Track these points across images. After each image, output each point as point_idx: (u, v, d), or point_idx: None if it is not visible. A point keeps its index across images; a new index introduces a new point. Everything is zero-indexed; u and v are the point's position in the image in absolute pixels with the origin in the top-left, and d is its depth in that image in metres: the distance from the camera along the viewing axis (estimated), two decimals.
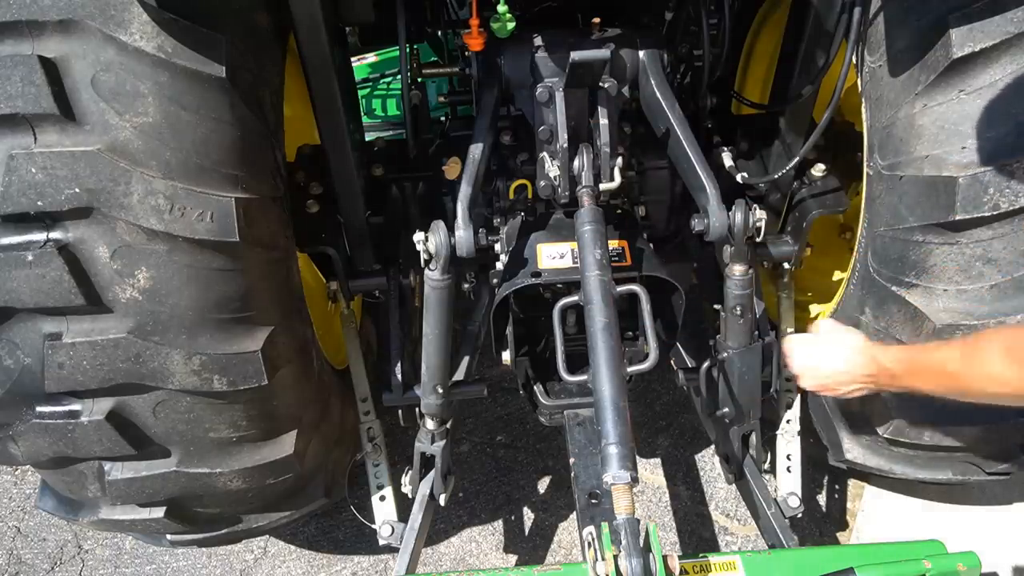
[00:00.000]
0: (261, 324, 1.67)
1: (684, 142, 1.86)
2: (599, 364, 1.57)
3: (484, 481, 2.85)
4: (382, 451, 2.27)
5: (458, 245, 1.72)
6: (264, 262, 1.65)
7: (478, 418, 3.04)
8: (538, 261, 1.93)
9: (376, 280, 2.28)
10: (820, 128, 1.89)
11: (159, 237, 1.45)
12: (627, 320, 2.09)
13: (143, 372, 1.55)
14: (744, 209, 1.77)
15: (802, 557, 1.72)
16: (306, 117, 2.07)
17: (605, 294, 1.65)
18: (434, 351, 1.88)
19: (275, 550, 2.69)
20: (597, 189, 1.88)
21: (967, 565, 1.51)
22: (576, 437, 2.05)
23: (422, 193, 2.36)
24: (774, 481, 2.24)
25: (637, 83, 1.98)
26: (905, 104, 1.68)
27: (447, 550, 2.67)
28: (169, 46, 1.39)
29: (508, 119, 2.18)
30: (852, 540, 2.55)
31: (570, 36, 1.92)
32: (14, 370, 1.52)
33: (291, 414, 1.86)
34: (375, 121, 3.53)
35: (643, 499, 2.77)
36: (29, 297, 1.43)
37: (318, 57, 1.73)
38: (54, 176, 1.36)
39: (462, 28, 1.94)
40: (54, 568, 2.66)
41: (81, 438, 1.62)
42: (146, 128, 1.40)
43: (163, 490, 1.78)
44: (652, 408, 3.04)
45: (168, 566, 2.65)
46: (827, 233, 2.60)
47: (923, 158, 1.69)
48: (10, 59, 1.32)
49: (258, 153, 1.60)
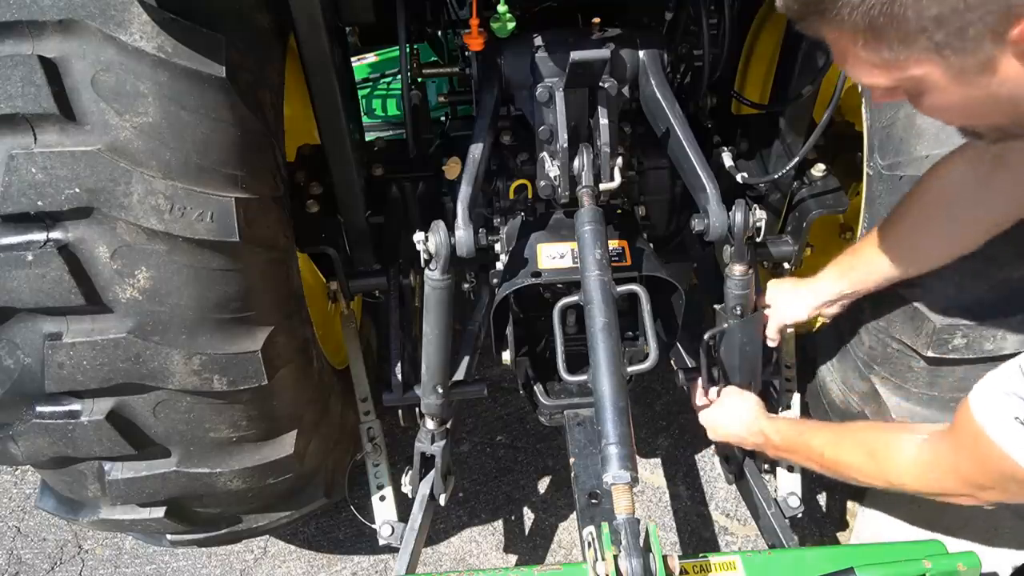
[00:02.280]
0: (261, 324, 1.66)
1: (684, 142, 1.86)
2: (599, 364, 1.57)
3: (484, 481, 2.85)
4: (382, 451, 2.27)
5: (458, 245, 1.72)
6: (264, 262, 1.65)
7: (478, 418, 3.04)
8: (538, 261, 1.93)
9: (376, 280, 2.28)
10: (820, 128, 1.89)
11: (159, 237, 1.45)
12: (627, 320, 2.09)
13: (143, 372, 1.55)
14: (744, 209, 1.77)
15: (802, 557, 1.72)
16: (306, 117, 2.07)
17: (605, 294, 1.65)
18: (434, 351, 1.88)
19: (275, 550, 2.69)
20: (597, 189, 1.88)
21: (967, 565, 1.51)
22: (576, 437, 2.04)
23: (422, 193, 2.36)
24: (774, 481, 2.24)
25: (637, 83, 1.98)
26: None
27: (447, 550, 2.67)
28: (169, 46, 1.39)
29: (508, 119, 2.18)
30: (852, 540, 2.55)
31: (570, 36, 1.91)
32: (14, 370, 1.52)
33: (291, 414, 1.86)
34: (375, 121, 3.53)
35: (643, 499, 2.77)
36: (29, 297, 1.43)
37: (318, 57, 1.73)
38: (54, 176, 1.36)
39: (462, 28, 1.94)
40: (54, 568, 2.66)
41: (81, 438, 1.62)
42: (146, 128, 1.39)
43: (163, 490, 1.78)
44: (652, 408, 3.04)
45: (168, 566, 2.65)
46: (827, 233, 2.60)
47: (923, 158, 1.69)
48: (10, 59, 1.31)
49: (258, 153, 1.60)
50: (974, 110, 1.02)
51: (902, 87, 1.02)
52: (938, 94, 0.99)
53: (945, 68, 0.93)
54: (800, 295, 1.95)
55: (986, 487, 1.33)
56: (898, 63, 0.95)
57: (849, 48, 0.98)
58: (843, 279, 1.86)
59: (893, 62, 0.95)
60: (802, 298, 1.94)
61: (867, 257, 1.79)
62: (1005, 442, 1.19)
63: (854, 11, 0.90)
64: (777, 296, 1.99)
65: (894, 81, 0.99)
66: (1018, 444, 1.17)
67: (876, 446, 1.55)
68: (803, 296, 1.94)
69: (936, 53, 0.91)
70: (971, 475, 1.34)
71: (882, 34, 0.92)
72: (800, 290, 1.96)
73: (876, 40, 0.93)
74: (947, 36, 0.88)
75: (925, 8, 0.87)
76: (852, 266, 1.84)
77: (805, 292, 1.94)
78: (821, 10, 0.93)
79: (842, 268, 1.87)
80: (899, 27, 0.90)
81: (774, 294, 2.00)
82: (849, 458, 1.60)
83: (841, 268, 1.87)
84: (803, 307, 1.94)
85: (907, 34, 0.90)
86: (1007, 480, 1.26)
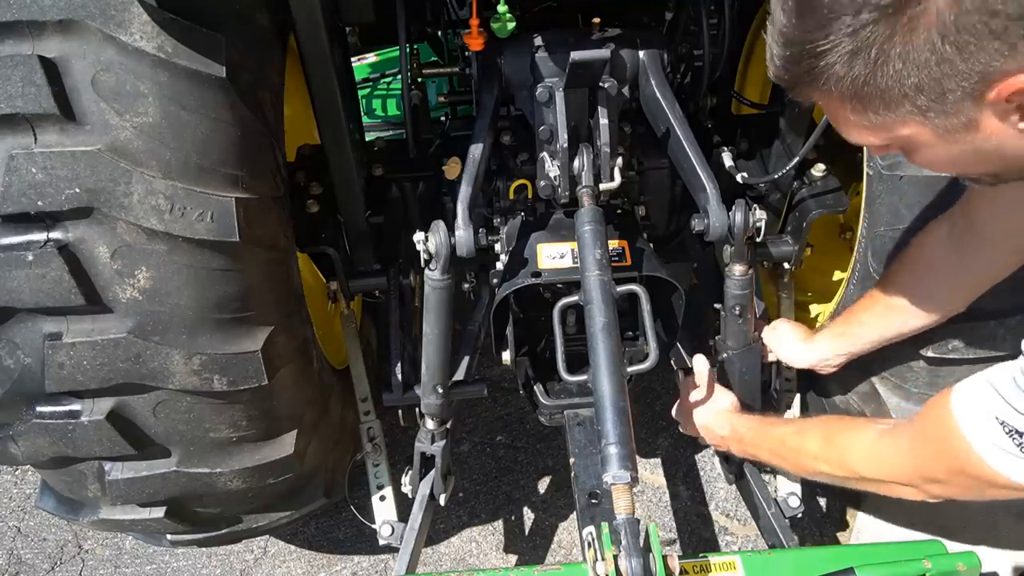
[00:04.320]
0: (261, 324, 1.66)
1: (684, 142, 1.86)
2: (599, 364, 1.57)
3: (484, 481, 2.85)
4: (382, 451, 2.27)
5: (458, 245, 1.72)
6: (264, 262, 1.65)
7: (478, 418, 3.04)
8: (538, 261, 1.93)
9: (376, 280, 2.28)
10: (820, 128, 1.89)
11: (159, 237, 1.45)
12: (627, 320, 2.09)
13: (143, 372, 1.55)
14: (744, 209, 1.77)
15: (802, 557, 1.72)
16: (306, 117, 2.07)
17: (605, 294, 1.65)
18: (434, 351, 1.88)
19: (275, 550, 2.69)
20: (597, 189, 1.88)
21: (967, 565, 1.51)
22: (576, 437, 2.04)
23: (422, 193, 2.36)
24: (774, 481, 2.24)
25: (637, 83, 1.98)
26: None
27: (447, 550, 2.67)
28: (169, 46, 1.39)
29: (508, 119, 2.18)
30: (852, 540, 2.55)
31: (570, 36, 1.91)
32: (14, 370, 1.52)
33: (291, 414, 1.86)
34: (375, 121, 3.53)
35: (643, 499, 2.77)
36: (29, 297, 1.43)
37: (318, 57, 1.72)
38: (54, 176, 1.36)
39: (462, 28, 1.94)
40: (54, 568, 2.66)
41: (81, 438, 1.62)
42: (146, 128, 1.39)
43: (163, 490, 1.78)
44: (652, 408, 3.04)
45: (168, 566, 2.65)
46: (827, 233, 2.60)
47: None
48: (10, 59, 1.31)
49: (258, 153, 1.60)
50: (964, 162, 1.06)
51: (894, 144, 1.06)
52: (927, 150, 1.03)
53: (932, 128, 0.97)
54: (798, 350, 2.02)
55: (937, 480, 1.36)
56: (886, 125, 0.99)
57: (839, 112, 1.03)
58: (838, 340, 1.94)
59: (881, 125, 1.00)
60: (799, 353, 2.02)
61: (860, 320, 1.87)
62: (975, 438, 1.21)
63: (840, 82, 0.94)
64: (779, 346, 2.06)
65: (885, 140, 1.04)
66: (988, 441, 1.19)
67: (835, 432, 1.61)
68: (800, 352, 2.02)
69: (920, 115, 0.95)
70: (925, 466, 1.37)
71: (867, 101, 0.96)
72: (799, 345, 2.02)
73: (863, 106, 0.98)
74: (929, 101, 0.92)
75: (905, 78, 0.91)
76: (843, 332, 1.92)
77: (803, 349, 2.01)
78: (809, 80, 0.98)
79: (835, 332, 1.95)
80: (883, 95, 0.94)
81: (774, 342, 2.07)
82: (809, 445, 1.64)
83: (834, 332, 1.95)
84: (801, 361, 2.03)
85: (891, 100, 0.95)
86: (960, 475, 1.28)
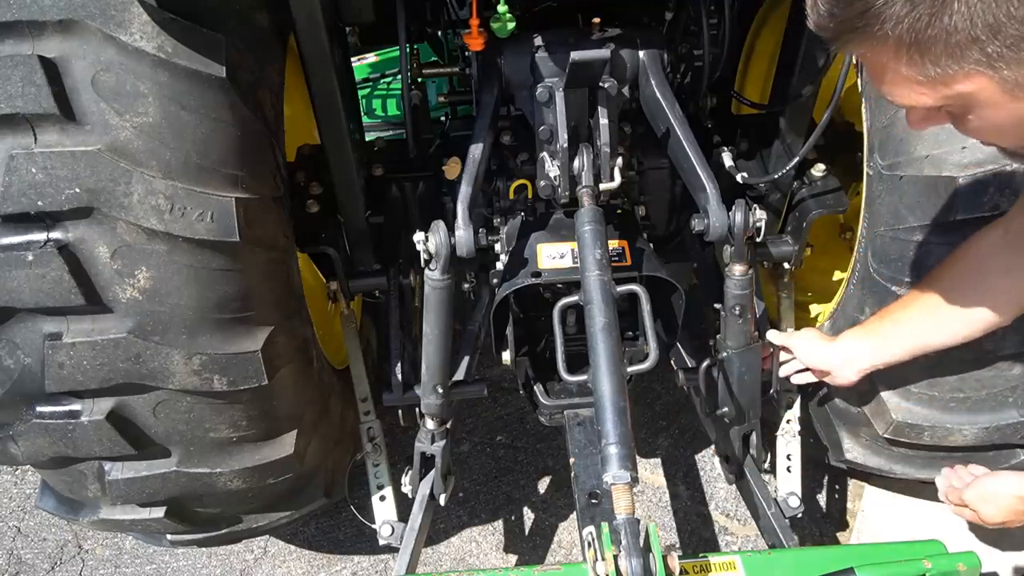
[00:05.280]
0: (261, 324, 1.67)
1: (684, 142, 1.86)
2: (599, 364, 1.56)
3: (484, 481, 2.85)
4: (382, 451, 2.27)
5: (458, 245, 1.72)
6: (264, 262, 1.65)
7: (478, 418, 3.04)
8: (538, 261, 1.93)
9: (376, 280, 2.28)
10: (820, 128, 1.89)
11: (159, 237, 1.45)
12: (627, 320, 2.09)
13: (143, 372, 1.55)
14: (744, 209, 1.77)
15: (802, 557, 1.72)
16: (306, 117, 2.07)
17: (605, 294, 1.65)
18: (434, 351, 1.88)
19: (275, 550, 2.69)
20: (597, 189, 1.88)
21: (967, 565, 1.51)
22: (576, 437, 2.04)
23: (422, 193, 2.36)
24: (774, 481, 2.24)
25: (637, 83, 1.98)
26: None
27: (447, 550, 2.67)
28: (169, 46, 1.39)
29: (508, 119, 2.18)
30: (852, 540, 2.55)
31: (570, 36, 1.91)
32: (14, 370, 1.52)
33: (291, 414, 1.86)
34: (375, 121, 3.53)
35: (643, 499, 2.77)
36: (29, 297, 1.43)
37: (318, 57, 1.73)
38: (54, 176, 1.36)
39: (462, 28, 1.94)
40: (54, 568, 2.66)
41: (81, 438, 1.62)
42: (146, 128, 1.40)
43: (163, 490, 1.78)
44: (652, 408, 3.04)
45: (168, 566, 2.65)
46: (827, 233, 2.60)
47: (923, 158, 1.68)
48: (10, 59, 1.31)
49: (258, 153, 1.60)
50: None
51: (947, 107, 0.95)
52: (989, 111, 0.92)
53: (999, 83, 0.86)
54: (820, 349, 1.96)
55: None
56: (945, 79, 0.88)
57: (890, 66, 0.91)
58: (866, 339, 1.85)
59: (940, 79, 0.88)
60: (822, 353, 1.96)
61: (894, 318, 1.79)
62: None
63: (899, 24, 0.84)
64: (800, 347, 2.01)
65: (939, 99, 0.93)
66: None
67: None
68: (823, 351, 1.96)
69: (989, 66, 0.85)
70: None
71: (929, 48, 0.85)
72: (822, 344, 1.97)
73: (922, 55, 0.86)
74: (1002, 47, 0.82)
75: (978, 16, 0.80)
76: (873, 331, 1.84)
77: (827, 348, 1.95)
78: (861, 26, 0.86)
79: (864, 330, 1.88)
80: (948, 39, 0.83)
81: (795, 344, 2.02)
82: None
83: (863, 330, 1.88)
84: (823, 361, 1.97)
85: (956, 47, 0.84)
86: None
